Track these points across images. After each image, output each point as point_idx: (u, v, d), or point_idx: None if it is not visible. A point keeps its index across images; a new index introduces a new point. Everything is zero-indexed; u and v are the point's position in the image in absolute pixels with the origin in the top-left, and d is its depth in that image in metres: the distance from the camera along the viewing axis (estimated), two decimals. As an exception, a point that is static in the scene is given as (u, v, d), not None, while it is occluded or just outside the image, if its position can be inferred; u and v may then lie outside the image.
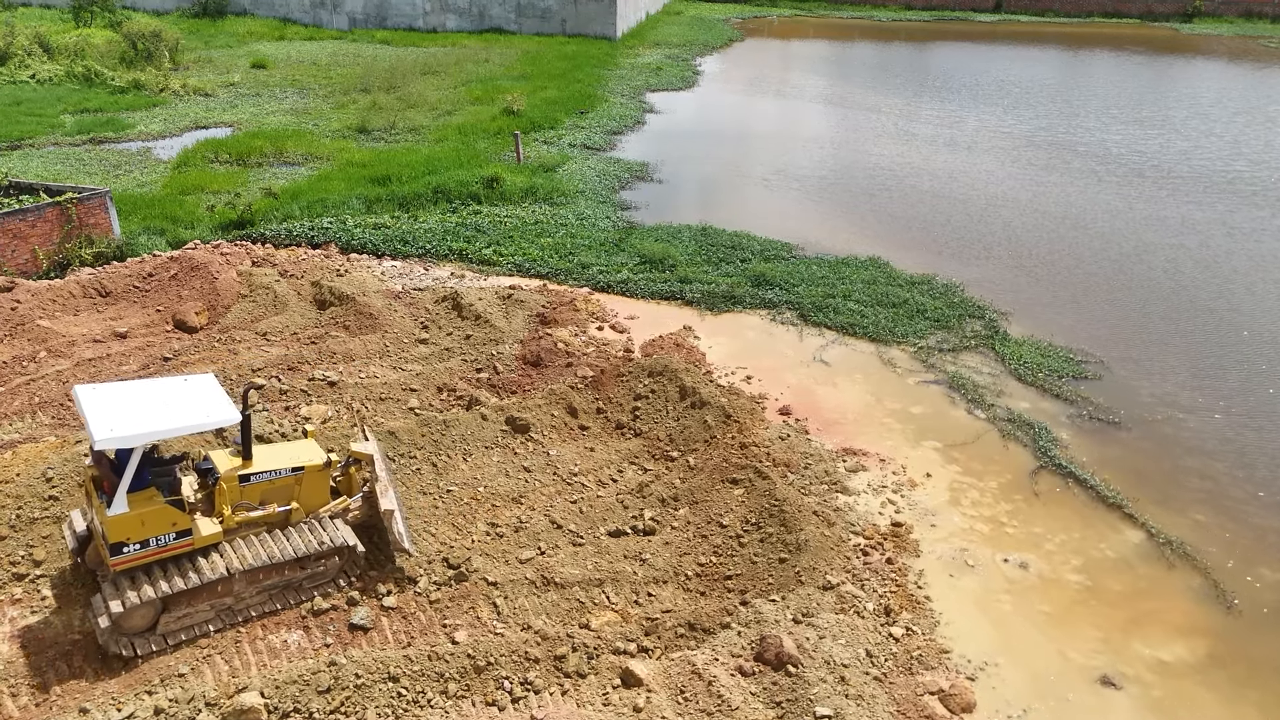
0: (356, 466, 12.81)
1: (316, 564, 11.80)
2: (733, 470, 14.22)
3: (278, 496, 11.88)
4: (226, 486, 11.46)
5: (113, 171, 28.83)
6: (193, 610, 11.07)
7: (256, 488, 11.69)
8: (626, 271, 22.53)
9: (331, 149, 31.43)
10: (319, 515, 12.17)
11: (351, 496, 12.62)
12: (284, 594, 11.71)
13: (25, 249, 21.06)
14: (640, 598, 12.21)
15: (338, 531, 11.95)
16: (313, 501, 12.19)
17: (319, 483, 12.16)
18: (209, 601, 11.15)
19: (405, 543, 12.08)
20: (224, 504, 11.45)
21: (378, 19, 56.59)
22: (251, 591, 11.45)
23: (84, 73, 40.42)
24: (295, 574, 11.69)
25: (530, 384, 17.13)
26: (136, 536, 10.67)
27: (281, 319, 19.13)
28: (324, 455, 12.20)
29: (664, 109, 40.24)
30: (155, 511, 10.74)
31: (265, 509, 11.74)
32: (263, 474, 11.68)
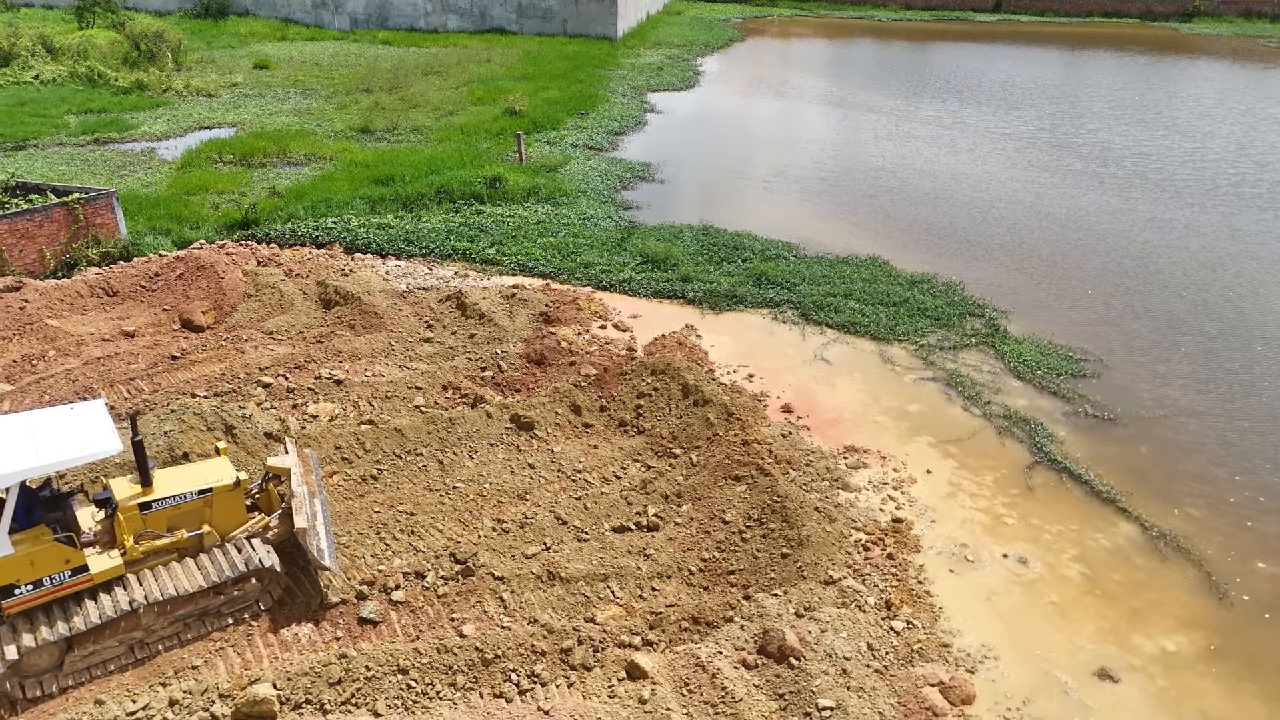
0: (275, 482, 12.33)
1: (233, 588, 11.32)
2: (735, 467, 14.40)
3: (186, 521, 11.34)
4: (125, 516, 10.91)
5: (117, 172, 29.00)
6: (100, 647, 10.62)
7: (161, 514, 11.14)
8: (629, 271, 22.71)
9: (335, 149, 31.60)
10: (235, 537, 11.69)
11: (270, 514, 12.13)
12: (201, 622, 11.25)
13: (33, 249, 21.24)
14: (644, 592, 12.39)
15: (255, 553, 11.46)
16: (227, 523, 11.69)
17: (231, 503, 11.64)
18: (117, 637, 10.69)
19: (325, 559, 11.49)
20: (124, 535, 10.91)
21: (379, 19, 56.76)
22: (163, 623, 10.98)
23: (87, 73, 40.60)
24: (211, 601, 11.20)
25: (534, 382, 17.30)
26: (27, 577, 10.20)
27: (287, 318, 19.31)
28: (234, 475, 11.66)
29: (665, 109, 40.42)
30: (44, 550, 10.25)
31: (172, 536, 11.20)
32: (165, 499, 11.13)
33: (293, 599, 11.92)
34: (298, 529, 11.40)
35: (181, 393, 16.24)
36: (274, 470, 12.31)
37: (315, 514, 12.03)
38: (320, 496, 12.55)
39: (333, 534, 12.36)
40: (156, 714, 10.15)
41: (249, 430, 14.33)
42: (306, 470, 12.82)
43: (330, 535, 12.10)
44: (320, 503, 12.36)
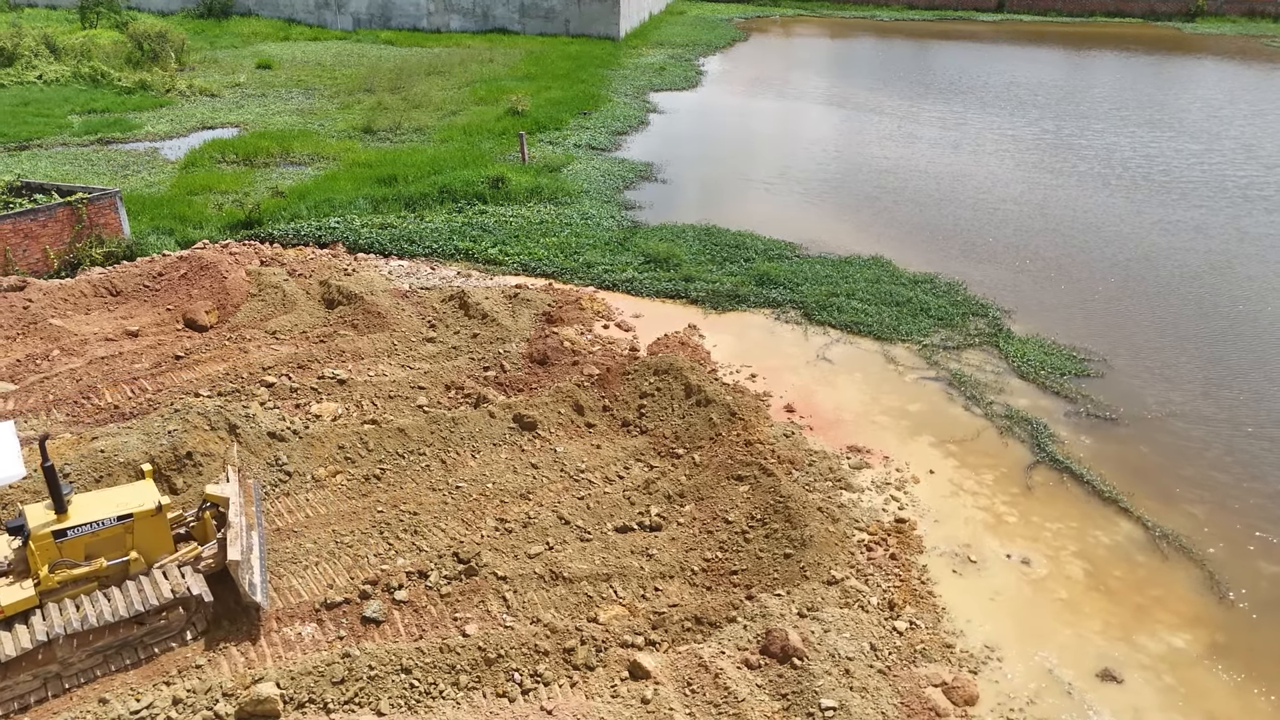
0: (212, 510, 11.89)
1: (156, 618, 10.86)
2: (738, 467, 14.41)
3: (106, 548, 10.83)
4: (38, 545, 10.44)
5: (121, 172, 29.06)
6: (13, 683, 10.18)
7: (77, 542, 10.63)
8: (631, 270, 22.72)
9: (337, 149, 31.64)
10: (164, 565, 11.23)
11: (205, 543, 11.74)
12: (122, 653, 10.80)
13: (37, 248, 21.29)
14: (647, 592, 12.40)
15: (180, 581, 11.03)
16: (153, 550, 11.21)
17: (155, 529, 11.12)
18: (31, 671, 10.25)
19: (256, 595, 11.19)
20: (38, 564, 10.47)
21: (382, 19, 56.80)
22: (81, 655, 10.51)
23: (91, 73, 40.67)
24: (132, 631, 10.75)
25: (537, 382, 17.32)
26: None
27: (290, 318, 19.34)
28: (156, 499, 11.16)
29: (667, 109, 40.43)
30: None
31: (90, 564, 10.72)
32: (81, 526, 10.61)
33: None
34: (229, 561, 10.97)
35: (185, 392, 16.28)
36: (212, 499, 11.86)
37: (251, 546, 11.70)
38: (259, 529, 12.25)
39: (267, 568, 11.97)
40: (160, 713, 10.17)
41: (253, 430, 14.35)
42: (248, 501, 12.47)
43: (265, 569, 11.83)
44: (258, 535, 12.08)
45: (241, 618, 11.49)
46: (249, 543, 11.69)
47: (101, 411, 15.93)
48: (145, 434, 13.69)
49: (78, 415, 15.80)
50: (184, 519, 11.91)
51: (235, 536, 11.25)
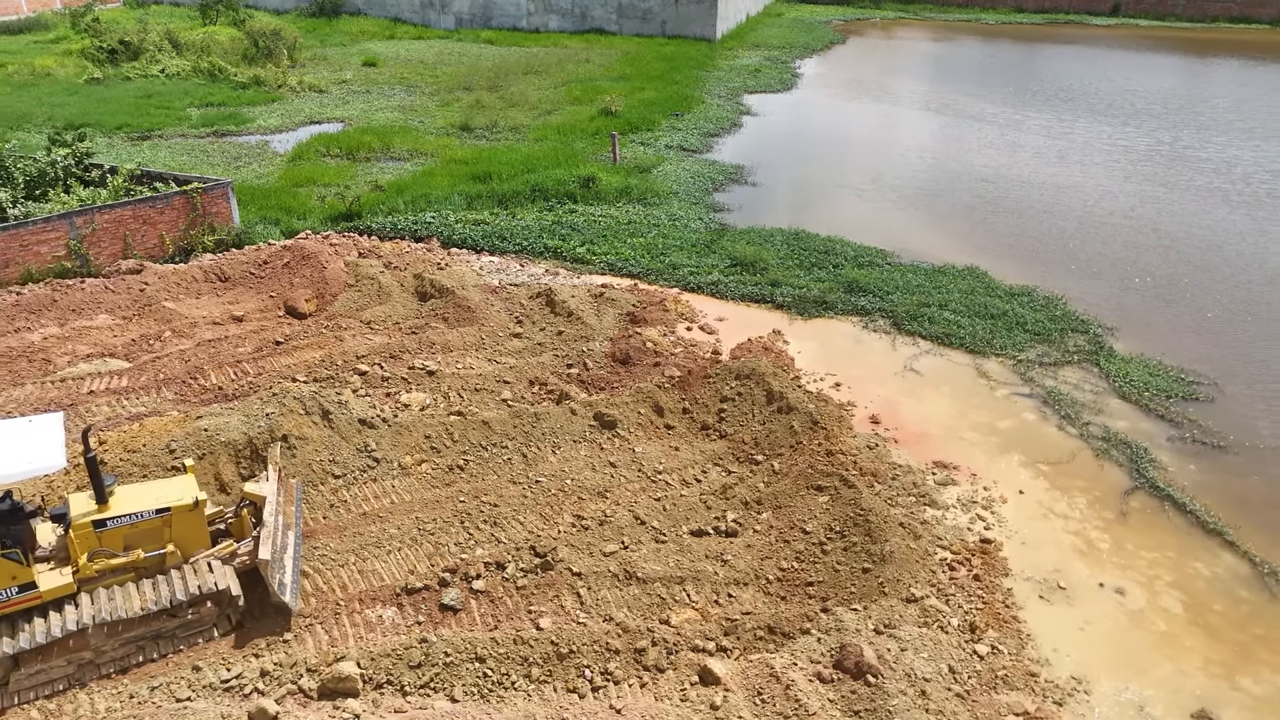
0: (250, 509, 12.03)
1: (188, 612, 11.04)
2: (818, 477, 14.20)
3: (144, 540, 11.05)
4: (78, 534, 10.70)
5: (233, 163, 30.44)
6: (47, 667, 10.46)
7: (117, 532, 10.86)
8: (717, 273, 22.64)
9: (435, 146, 32.46)
10: (197, 559, 11.41)
11: (241, 540, 11.87)
12: (155, 644, 11.01)
13: (154, 234, 22.49)
14: (720, 598, 12.34)
15: (213, 577, 11.15)
16: (190, 544, 11.39)
17: (192, 524, 11.32)
18: (65, 656, 10.50)
19: (286, 595, 11.30)
20: (77, 552, 10.74)
21: (483, 19, 58.01)
22: (114, 644, 10.73)
23: (209, 69, 42.73)
24: (164, 624, 10.95)
25: (618, 381, 17.42)
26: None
27: (385, 309, 19.93)
28: (194, 495, 11.33)
29: (761, 111, 40.13)
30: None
31: (128, 555, 10.95)
32: (121, 518, 10.86)
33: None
34: (259, 560, 11.14)
35: (283, 377, 16.95)
36: (250, 497, 12.06)
37: (286, 546, 11.84)
38: (296, 529, 12.39)
39: (300, 569, 12.05)
40: (249, 683, 10.63)
41: (344, 416, 14.84)
42: (287, 500, 12.68)
43: (298, 570, 11.91)
44: (295, 536, 12.21)
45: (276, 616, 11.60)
46: (284, 542, 11.81)
47: (206, 392, 16.73)
48: (245, 415, 14.31)
49: (184, 394, 16.64)
50: (223, 515, 12.12)
51: (268, 536, 11.36)
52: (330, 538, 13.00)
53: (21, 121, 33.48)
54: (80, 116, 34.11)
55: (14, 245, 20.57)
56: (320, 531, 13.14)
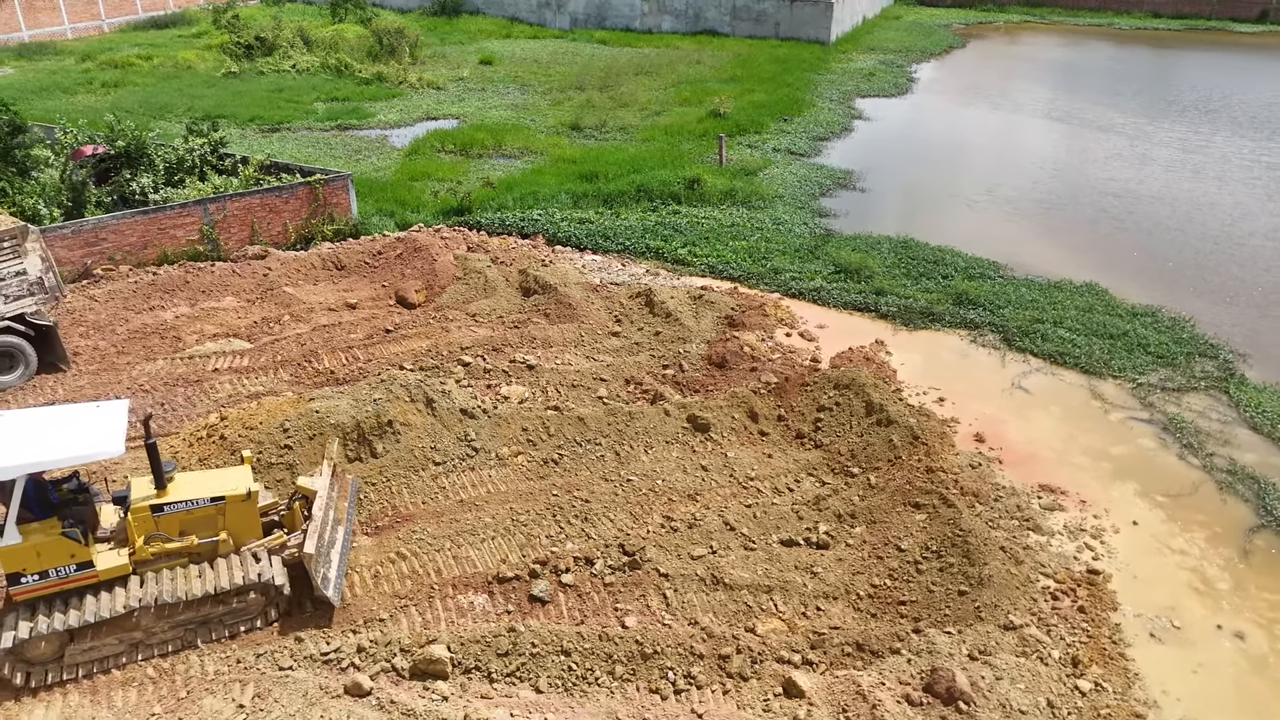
0: (302, 502, 12.29)
1: (236, 599, 11.31)
2: (916, 494, 13.82)
3: (199, 527, 11.36)
4: (136, 518, 11.04)
5: (354, 156, 31.71)
6: (100, 644, 10.79)
7: (173, 518, 11.18)
8: (820, 279, 22.30)
9: (545, 144, 33.03)
10: (249, 549, 11.67)
11: (292, 533, 12.09)
12: (202, 628, 11.32)
13: (278, 222, 23.64)
14: (809, 610, 12.15)
15: (261, 567, 11.42)
16: (242, 533, 11.65)
17: (245, 514, 11.56)
18: (117, 635, 10.84)
19: (328, 589, 11.48)
20: (134, 535, 11.08)
21: (597, 19, 58.69)
22: (164, 626, 11.04)
23: (336, 65, 44.60)
24: (212, 609, 11.25)
25: (714, 385, 17.36)
26: (33, 567, 10.49)
27: (490, 302, 20.41)
28: (248, 486, 11.56)
29: (873, 116, 39.30)
30: (51, 543, 10.49)
31: (183, 540, 11.27)
32: (177, 504, 11.17)
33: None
34: (304, 554, 11.36)
35: (391, 364, 17.57)
36: (302, 490, 12.32)
37: (334, 542, 12.06)
38: (347, 525, 12.62)
39: (345, 566, 12.22)
40: (346, 658, 11.08)
41: (447, 405, 15.27)
42: (341, 496, 12.96)
43: (343, 567, 12.08)
44: (344, 531, 12.44)
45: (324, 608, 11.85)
46: (332, 537, 12.04)
47: (319, 375, 17.49)
48: (354, 400, 14.89)
49: (299, 376, 17.44)
50: (276, 507, 12.40)
51: (314, 530, 11.57)
52: (428, 523, 13.40)
53: (164, 111, 35.68)
54: (216, 108, 36.11)
55: (153, 228, 21.96)
56: (419, 516, 13.56)
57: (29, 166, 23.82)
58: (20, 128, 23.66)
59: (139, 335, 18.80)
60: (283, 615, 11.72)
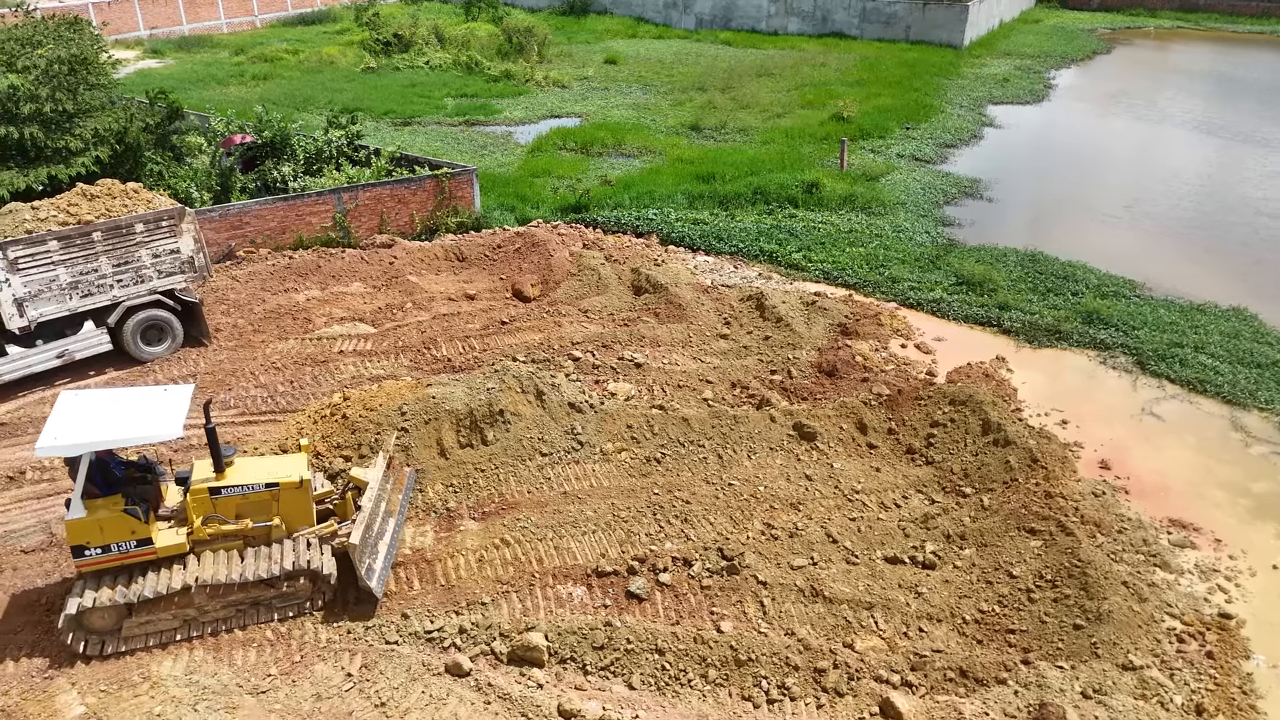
0: (355, 492, 12.50)
1: (284, 584, 11.59)
2: (1032, 519, 13.22)
3: (254, 511, 11.64)
4: (194, 499, 11.40)
5: (479, 151, 32.65)
6: (155, 618, 11.23)
7: (229, 501, 11.50)
8: (940, 290, 21.61)
9: (664, 144, 33.18)
10: (302, 535, 11.93)
11: (344, 522, 12.33)
12: (253, 610, 11.63)
13: (406, 213, 24.59)
14: (910, 631, 11.81)
15: (311, 553, 11.68)
16: (295, 519, 11.92)
17: (298, 500, 11.82)
18: (172, 611, 11.26)
19: (371, 581, 11.74)
20: (193, 515, 11.44)
21: (723, 20, 58.54)
22: (216, 605, 11.41)
23: (467, 62, 46.02)
24: (263, 592, 11.56)
25: (822, 393, 17.07)
26: (96, 541, 10.88)
27: (602, 299, 20.66)
28: (302, 473, 11.84)
29: (1006, 123, 37.80)
30: (113, 518, 10.87)
31: (238, 524, 11.58)
32: (234, 488, 11.49)
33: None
34: (349, 545, 11.56)
35: (505, 355, 18.02)
36: (355, 481, 12.57)
37: (382, 533, 12.27)
38: (398, 518, 12.76)
39: (393, 558, 12.46)
40: (449, 638, 11.43)
41: (556, 398, 15.55)
42: (395, 489, 13.12)
43: (389, 559, 12.29)
44: (395, 524, 12.58)
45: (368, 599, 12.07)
46: (381, 529, 12.30)
47: (437, 362, 18.11)
48: (469, 388, 15.34)
49: (418, 363, 18.10)
50: (331, 495, 12.66)
51: (362, 521, 11.80)
52: (532, 512, 13.69)
53: (306, 104, 37.63)
54: (354, 102, 37.83)
55: (291, 214, 23.20)
56: (524, 505, 13.86)
57: (184, 152, 25.55)
58: (176, 114, 25.38)
59: (273, 315, 19.90)
60: (328, 603, 11.98)
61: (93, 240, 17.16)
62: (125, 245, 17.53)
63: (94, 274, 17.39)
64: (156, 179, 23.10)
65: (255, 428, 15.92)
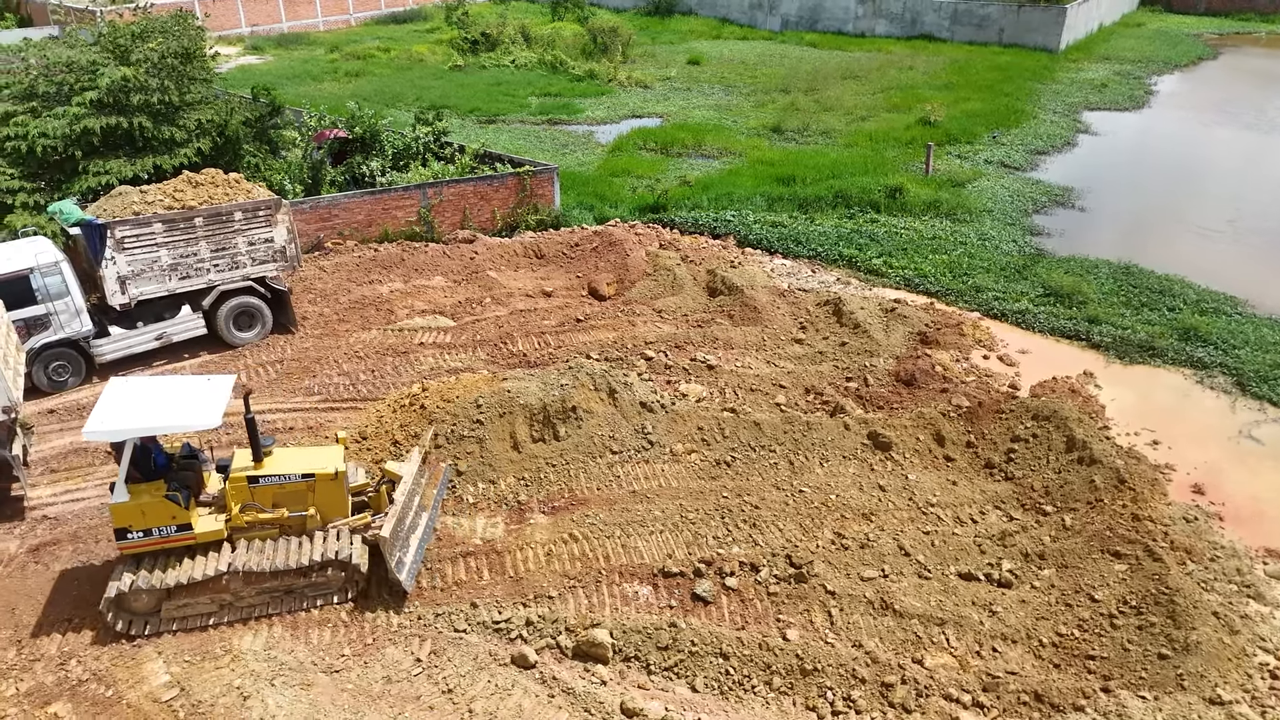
0: (389, 486, 12.70)
1: (317, 573, 11.81)
2: (1117, 542, 12.72)
3: (290, 501, 11.91)
4: (233, 487, 11.70)
5: (560, 150, 32.98)
6: (193, 602, 11.51)
7: (266, 490, 11.78)
8: (1026, 301, 20.95)
9: (745, 146, 32.98)
10: (336, 526, 12.16)
11: (378, 515, 12.50)
12: (286, 598, 11.86)
13: (487, 209, 25.00)
14: (983, 650, 11.49)
15: (343, 544, 11.89)
16: (330, 510, 12.15)
17: (333, 492, 12.04)
18: (208, 596, 11.53)
19: (401, 574, 11.87)
20: (231, 503, 11.73)
21: (809, 22, 57.89)
22: (251, 592, 11.65)
23: (552, 61, 46.54)
24: (296, 581, 11.77)
25: (899, 402, 16.73)
26: (138, 525, 11.23)
27: (676, 300, 20.65)
28: (337, 465, 12.07)
29: (1102, 130, 36.42)
30: (155, 503, 11.19)
31: (275, 512, 11.85)
32: (271, 477, 11.76)
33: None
34: (380, 537, 11.67)
35: (579, 352, 18.18)
36: (389, 475, 12.76)
37: (414, 528, 12.42)
38: (431, 513, 12.85)
39: (422, 555, 12.59)
40: (515, 630, 11.59)
41: (628, 397, 15.61)
42: (430, 484, 13.24)
43: (420, 553, 12.42)
44: (428, 519, 12.68)
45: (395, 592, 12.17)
46: (413, 524, 12.41)
47: (513, 357, 18.38)
48: (543, 383, 15.52)
49: (495, 357, 18.40)
50: (367, 488, 12.87)
51: (394, 515, 11.94)
52: (601, 509, 13.77)
53: (395, 100, 38.58)
54: (442, 99, 38.63)
55: (378, 208, 23.83)
56: (593, 501, 13.96)
57: (279, 146, 26.48)
58: (277, 110, 26.32)
59: (358, 306, 20.48)
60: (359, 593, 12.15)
61: (194, 225, 17.96)
62: (224, 232, 18.30)
63: (193, 257, 18.19)
64: (253, 171, 24.01)
65: (337, 414, 16.40)
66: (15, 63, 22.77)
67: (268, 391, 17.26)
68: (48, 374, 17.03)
